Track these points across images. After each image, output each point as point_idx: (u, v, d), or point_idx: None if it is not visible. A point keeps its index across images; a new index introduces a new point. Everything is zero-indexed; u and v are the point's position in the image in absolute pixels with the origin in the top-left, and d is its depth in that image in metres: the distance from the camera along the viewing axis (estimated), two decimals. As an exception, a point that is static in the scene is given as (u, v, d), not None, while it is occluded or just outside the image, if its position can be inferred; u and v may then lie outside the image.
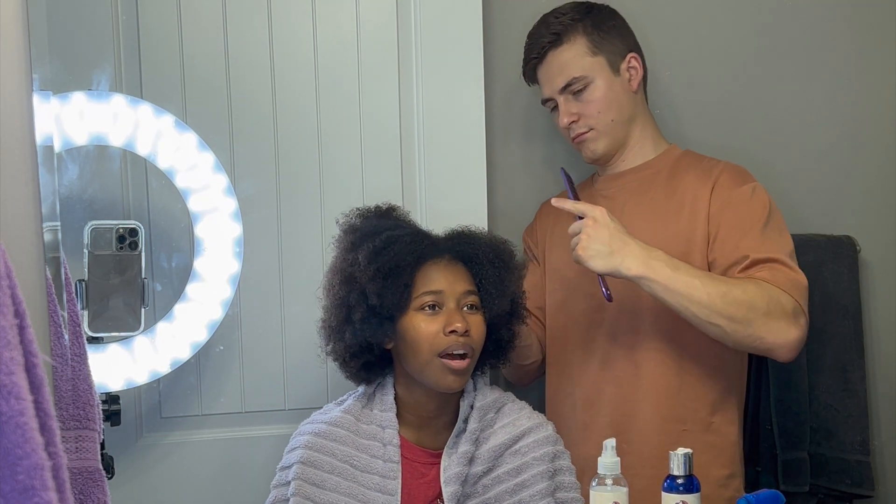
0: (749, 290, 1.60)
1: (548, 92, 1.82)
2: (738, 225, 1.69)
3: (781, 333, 1.60)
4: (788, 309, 1.60)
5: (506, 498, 1.51)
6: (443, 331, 1.50)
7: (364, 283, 1.50)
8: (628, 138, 1.82)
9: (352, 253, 1.53)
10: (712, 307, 1.58)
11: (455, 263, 1.54)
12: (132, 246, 1.56)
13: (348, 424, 1.55)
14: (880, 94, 2.15)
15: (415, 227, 1.58)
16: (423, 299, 1.51)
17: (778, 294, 1.60)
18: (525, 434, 1.55)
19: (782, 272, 1.64)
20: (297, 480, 1.50)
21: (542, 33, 1.81)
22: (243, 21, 1.82)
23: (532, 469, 1.53)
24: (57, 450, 0.74)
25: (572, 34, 1.78)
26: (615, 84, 1.78)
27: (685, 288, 1.58)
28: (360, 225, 1.57)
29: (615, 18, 1.83)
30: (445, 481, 1.51)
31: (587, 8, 1.82)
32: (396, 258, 1.49)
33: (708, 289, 1.58)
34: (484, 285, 1.54)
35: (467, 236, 1.58)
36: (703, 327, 1.61)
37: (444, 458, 1.54)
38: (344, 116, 1.87)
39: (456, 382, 1.52)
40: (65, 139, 1.57)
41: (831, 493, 1.95)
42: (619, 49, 1.80)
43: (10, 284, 0.72)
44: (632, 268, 1.57)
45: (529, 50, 1.84)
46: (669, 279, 1.58)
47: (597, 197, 1.86)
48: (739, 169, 1.79)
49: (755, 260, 1.65)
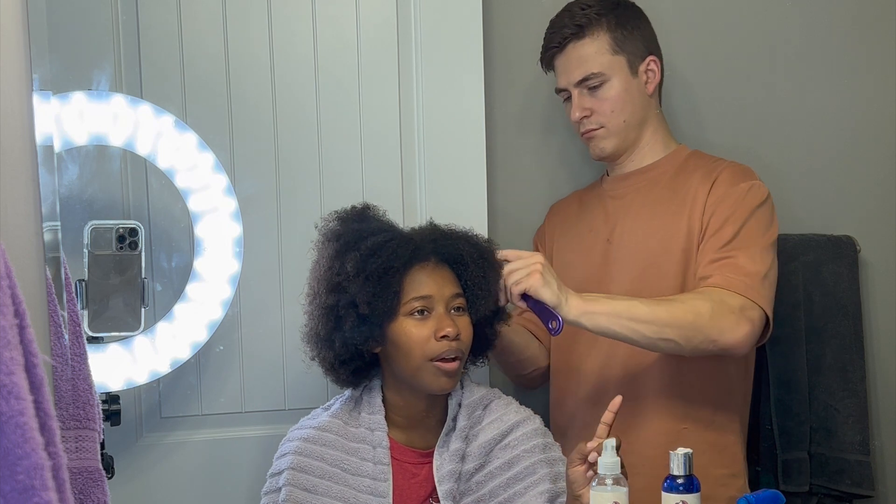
0: (689, 298, 1.63)
1: (563, 83, 1.81)
2: (723, 220, 1.70)
3: (729, 332, 1.60)
4: (735, 306, 1.61)
5: (500, 493, 1.51)
6: (434, 336, 1.50)
7: (353, 292, 1.49)
8: (638, 140, 1.81)
9: (337, 260, 1.52)
10: (659, 322, 1.58)
11: (441, 266, 1.54)
12: (132, 246, 1.55)
13: (337, 429, 1.55)
14: (881, 95, 2.15)
15: (396, 230, 1.57)
16: (412, 305, 1.51)
17: (721, 295, 1.62)
18: (513, 428, 1.56)
19: (734, 269, 1.65)
20: (289, 486, 1.50)
21: (565, 23, 1.78)
22: (243, 21, 1.82)
23: (524, 461, 1.53)
24: (57, 450, 0.74)
25: (596, 29, 1.75)
26: (632, 85, 1.77)
27: (627, 310, 1.58)
28: (342, 231, 1.56)
29: (640, 18, 1.81)
30: (440, 479, 1.51)
31: (614, 3, 1.79)
32: (384, 265, 1.49)
33: (650, 307, 1.59)
34: (470, 286, 1.54)
35: (450, 237, 1.57)
36: (656, 346, 1.62)
37: (436, 456, 1.54)
38: (344, 116, 1.87)
39: (449, 384, 1.52)
40: (65, 139, 1.57)
41: (831, 493, 1.95)
42: (640, 50, 1.78)
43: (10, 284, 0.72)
44: (574, 307, 1.57)
45: (550, 38, 1.81)
46: (610, 307, 1.59)
47: (605, 198, 1.86)
48: (742, 167, 1.78)
49: (713, 258, 1.67)
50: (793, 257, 1.97)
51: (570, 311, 1.56)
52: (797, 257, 1.98)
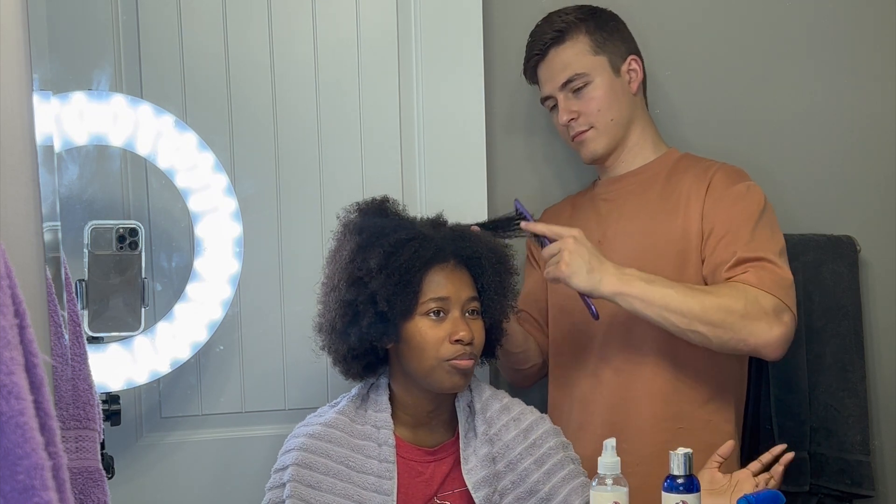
0: (725, 293, 1.62)
1: (548, 89, 1.83)
2: (729, 222, 1.70)
3: (763, 333, 1.60)
4: (769, 308, 1.61)
5: (540, 488, 1.53)
6: (448, 338, 1.50)
7: (373, 288, 1.50)
8: (627, 140, 1.83)
9: (359, 255, 1.52)
10: (690, 315, 1.59)
11: (459, 268, 1.55)
12: (132, 246, 1.56)
13: (343, 426, 1.55)
14: (880, 95, 2.15)
15: (418, 227, 1.58)
16: (428, 305, 1.51)
17: (756, 294, 1.61)
18: (533, 427, 1.58)
19: (766, 270, 1.65)
20: (293, 482, 1.50)
21: (545, 30, 1.82)
22: (243, 21, 1.82)
23: (553, 458, 1.56)
24: (57, 450, 0.74)
25: (575, 32, 1.79)
26: (615, 84, 1.79)
27: (661, 298, 1.59)
28: (364, 224, 1.57)
29: (617, 21, 1.85)
30: (474, 487, 1.51)
31: (591, 10, 1.84)
32: (407, 264, 1.49)
33: (684, 297, 1.60)
34: (486, 290, 1.55)
35: (469, 238, 1.58)
36: (684, 336, 1.62)
37: (463, 464, 1.54)
38: (344, 116, 1.87)
39: (462, 382, 1.53)
40: (65, 139, 1.57)
41: (831, 493, 1.95)
42: (621, 51, 1.81)
43: (10, 284, 0.72)
44: (608, 285, 1.58)
45: (531, 47, 1.84)
46: (645, 291, 1.59)
47: (597, 201, 1.87)
48: (736, 169, 1.80)
49: (741, 259, 1.66)
50: (793, 257, 1.96)
51: (603, 290, 1.59)
52: (797, 257, 1.98)
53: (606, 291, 1.59)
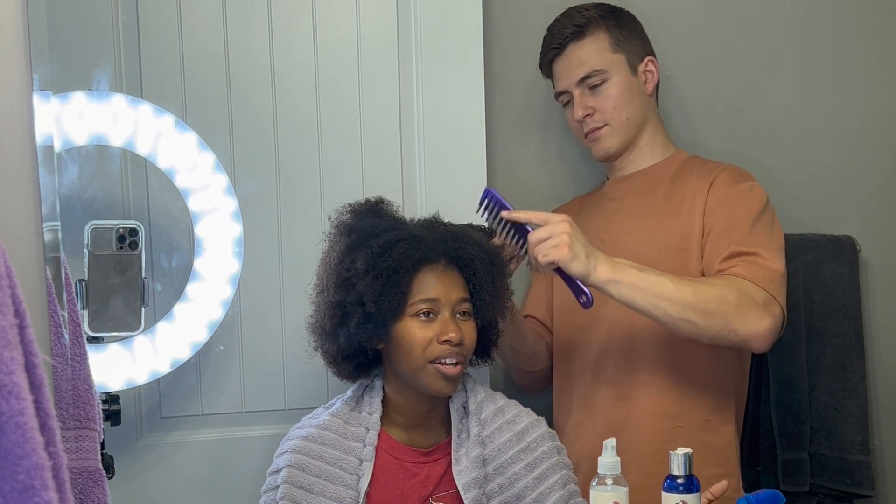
0: (718, 283, 1.62)
1: (564, 84, 1.82)
2: (729, 219, 1.71)
3: (753, 323, 1.60)
4: (759, 300, 1.61)
5: (528, 493, 1.52)
6: (436, 339, 1.50)
7: (361, 289, 1.50)
8: (638, 140, 1.83)
9: (348, 256, 1.52)
10: (683, 303, 1.58)
11: (450, 269, 1.54)
12: (132, 246, 1.56)
13: (336, 428, 1.55)
14: (880, 95, 2.15)
15: (408, 228, 1.57)
16: (418, 306, 1.51)
17: (748, 286, 1.62)
18: (528, 430, 1.57)
19: (757, 264, 1.65)
20: (286, 484, 1.50)
21: (564, 25, 1.81)
22: (243, 21, 1.82)
23: (545, 462, 1.54)
24: (57, 450, 0.74)
25: (595, 29, 1.79)
26: (632, 83, 1.80)
27: (654, 286, 1.58)
28: (354, 225, 1.56)
29: (635, 22, 1.85)
30: (464, 488, 1.51)
31: (611, 8, 1.84)
32: (395, 264, 1.49)
33: (677, 285, 1.59)
34: (478, 291, 1.54)
35: (461, 239, 1.57)
36: (676, 326, 1.60)
37: (454, 465, 1.54)
38: (344, 116, 1.87)
39: (448, 388, 1.52)
40: (65, 139, 1.57)
41: (831, 493, 1.95)
42: (638, 50, 1.81)
43: (10, 284, 0.72)
44: (602, 272, 1.56)
45: (549, 41, 1.83)
46: (638, 279, 1.58)
47: (604, 200, 1.88)
48: (740, 170, 1.80)
49: (734, 252, 1.67)
50: (793, 257, 1.97)
51: (597, 277, 1.56)
52: (797, 257, 1.98)
53: (600, 278, 1.56)
